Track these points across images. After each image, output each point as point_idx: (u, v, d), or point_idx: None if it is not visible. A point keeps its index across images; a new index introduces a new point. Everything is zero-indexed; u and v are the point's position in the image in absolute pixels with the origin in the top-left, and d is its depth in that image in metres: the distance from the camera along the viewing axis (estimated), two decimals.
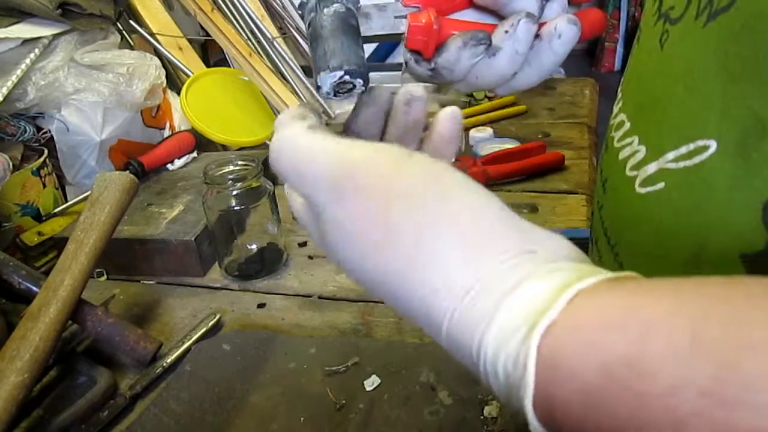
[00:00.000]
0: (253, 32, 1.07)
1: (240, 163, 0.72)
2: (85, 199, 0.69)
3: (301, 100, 1.04)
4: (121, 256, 0.74)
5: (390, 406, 0.51)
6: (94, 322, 0.58)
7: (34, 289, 0.59)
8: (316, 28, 0.34)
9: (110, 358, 0.61)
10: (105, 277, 0.76)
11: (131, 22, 1.07)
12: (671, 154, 0.30)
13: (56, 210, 0.85)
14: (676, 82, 0.30)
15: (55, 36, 0.88)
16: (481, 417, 0.49)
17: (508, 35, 0.33)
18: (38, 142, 0.86)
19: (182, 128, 1.05)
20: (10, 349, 0.50)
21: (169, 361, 0.59)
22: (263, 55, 1.07)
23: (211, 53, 1.28)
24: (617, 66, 3.56)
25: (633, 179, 0.33)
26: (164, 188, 0.87)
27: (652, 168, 0.31)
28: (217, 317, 0.64)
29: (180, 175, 0.92)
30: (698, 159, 0.28)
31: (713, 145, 0.27)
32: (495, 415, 0.48)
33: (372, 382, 0.53)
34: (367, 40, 0.36)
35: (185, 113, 1.02)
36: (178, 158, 0.95)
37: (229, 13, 1.08)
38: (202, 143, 1.02)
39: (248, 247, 0.73)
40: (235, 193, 0.70)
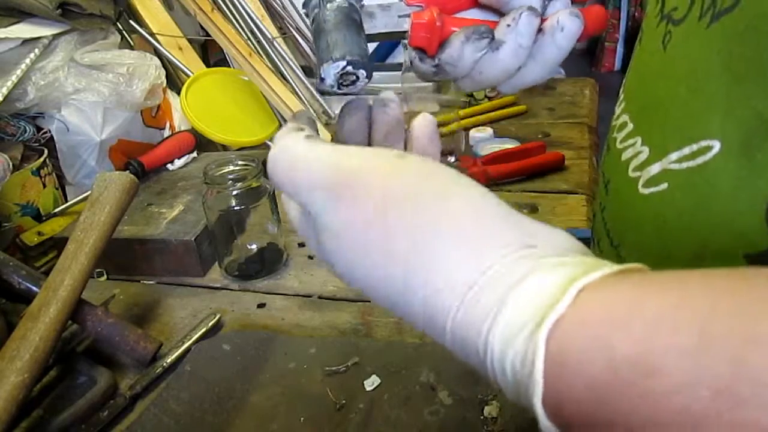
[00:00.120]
0: (253, 32, 1.07)
1: (240, 163, 0.72)
2: (85, 199, 0.69)
3: (301, 100, 1.04)
4: (121, 256, 0.74)
5: (390, 406, 0.51)
6: (94, 322, 0.58)
7: (34, 289, 0.59)
8: (320, 23, 0.35)
9: (110, 358, 0.60)
10: (105, 277, 0.76)
11: (131, 22, 1.07)
12: (674, 155, 0.30)
13: (56, 210, 0.84)
14: (679, 83, 0.30)
15: (55, 36, 0.88)
16: (481, 417, 0.48)
17: (510, 29, 0.33)
18: (38, 142, 0.86)
19: (182, 128, 1.05)
20: (10, 349, 0.50)
21: (169, 361, 0.58)
22: (263, 55, 1.07)
23: (211, 53, 1.28)
24: (617, 66, 3.56)
25: (636, 180, 0.33)
26: (164, 188, 0.87)
27: (655, 169, 0.31)
28: (217, 317, 0.64)
29: (180, 175, 0.92)
30: (702, 159, 0.28)
31: (717, 146, 0.27)
32: (495, 415, 0.48)
33: (372, 382, 0.53)
34: (371, 39, 0.36)
35: (185, 113, 1.02)
36: (178, 158, 0.95)
37: (229, 13, 1.08)
38: (202, 143, 1.02)
39: (248, 247, 0.73)
40: (235, 193, 0.70)
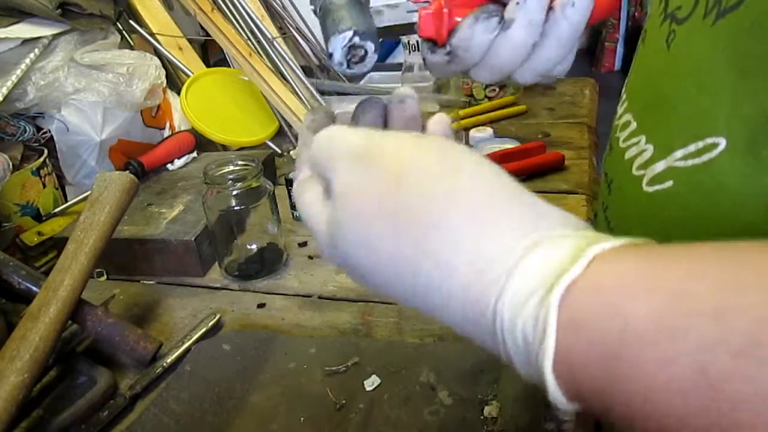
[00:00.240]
0: (253, 32, 1.07)
1: (240, 163, 0.72)
2: (85, 199, 0.69)
3: (301, 100, 1.05)
4: (121, 256, 0.74)
5: (390, 406, 0.51)
6: (94, 322, 0.58)
7: (34, 289, 0.59)
8: (326, 6, 0.35)
9: (110, 358, 0.60)
10: (105, 277, 0.76)
11: (131, 22, 1.07)
12: (679, 153, 0.30)
13: (56, 210, 0.84)
14: (684, 81, 0.30)
15: (55, 36, 0.88)
16: (481, 417, 0.48)
17: (519, 6, 0.33)
18: (38, 142, 0.86)
19: (182, 128, 1.05)
20: (10, 349, 0.50)
21: (169, 361, 0.58)
22: (263, 55, 1.07)
23: (211, 53, 1.28)
24: (617, 66, 3.56)
25: (640, 178, 0.33)
26: (164, 188, 0.87)
27: (660, 166, 0.31)
28: (217, 317, 0.64)
29: (180, 175, 0.91)
30: (707, 157, 0.28)
31: (722, 143, 0.27)
32: (495, 415, 0.48)
33: (372, 382, 0.53)
34: (380, 34, 0.36)
35: (185, 113, 1.02)
36: (178, 158, 0.95)
37: (229, 13, 1.08)
38: (202, 143, 1.02)
39: (248, 247, 0.73)
40: (235, 193, 0.70)
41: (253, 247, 0.73)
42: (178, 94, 1.04)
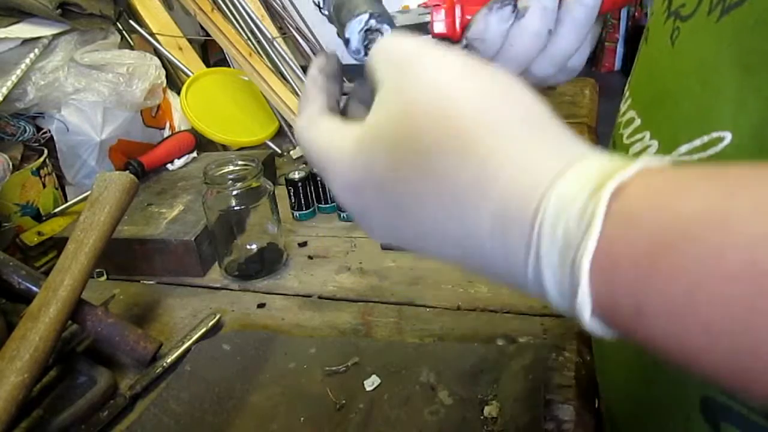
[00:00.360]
0: (253, 32, 1.07)
1: (240, 163, 0.72)
2: (85, 199, 0.69)
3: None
4: (121, 256, 0.74)
5: (390, 406, 0.51)
6: (94, 322, 0.58)
7: (34, 289, 0.58)
8: (339, 1, 0.35)
9: (110, 358, 0.60)
10: (105, 277, 0.76)
11: (131, 22, 1.07)
12: (685, 147, 0.30)
13: (56, 210, 0.84)
14: (688, 77, 0.30)
15: (55, 36, 0.88)
16: (481, 417, 0.48)
17: None
18: (38, 142, 0.86)
19: (182, 128, 1.05)
20: (10, 349, 0.50)
21: (169, 361, 0.58)
22: (263, 55, 1.07)
23: (211, 53, 1.28)
24: (617, 66, 3.55)
25: None
26: (164, 188, 0.87)
27: None
28: (217, 317, 0.64)
29: (180, 175, 0.91)
30: (713, 151, 0.28)
31: (728, 137, 0.27)
32: (495, 415, 0.48)
33: (372, 382, 0.53)
34: None
35: (185, 113, 1.02)
36: (178, 158, 0.95)
37: (229, 13, 1.08)
38: (202, 143, 1.02)
39: (248, 247, 0.73)
40: (235, 193, 0.70)
41: (253, 247, 0.73)
42: (178, 94, 1.04)
